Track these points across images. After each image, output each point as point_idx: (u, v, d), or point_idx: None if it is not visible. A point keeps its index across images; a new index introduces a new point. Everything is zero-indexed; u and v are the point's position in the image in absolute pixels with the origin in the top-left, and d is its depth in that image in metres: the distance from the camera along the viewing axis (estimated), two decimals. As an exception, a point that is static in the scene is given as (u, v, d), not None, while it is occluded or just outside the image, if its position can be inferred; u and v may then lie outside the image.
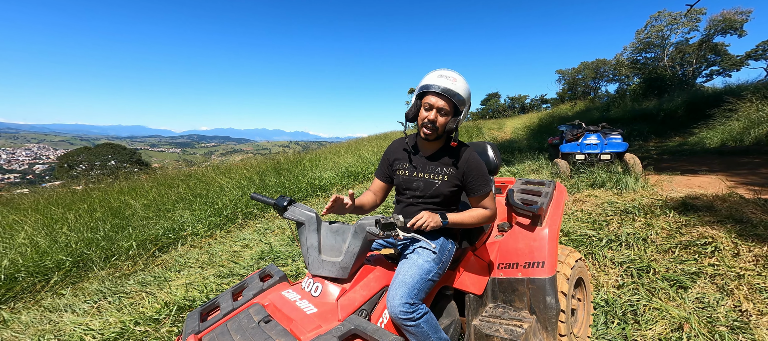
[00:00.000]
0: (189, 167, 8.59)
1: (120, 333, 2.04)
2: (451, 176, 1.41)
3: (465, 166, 1.40)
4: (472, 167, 1.40)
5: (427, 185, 1.43)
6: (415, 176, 1.46)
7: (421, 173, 1.45)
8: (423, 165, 1.46)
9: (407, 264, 1.28)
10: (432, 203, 1.45)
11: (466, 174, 1.40)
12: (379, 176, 1.58)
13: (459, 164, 1.41)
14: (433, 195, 1.43)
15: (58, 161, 33.13)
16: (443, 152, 1.45)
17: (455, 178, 1.41)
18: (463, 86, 1.33)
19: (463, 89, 1.33)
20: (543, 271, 1.60)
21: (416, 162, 1.47)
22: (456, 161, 1.41)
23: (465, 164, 1.40)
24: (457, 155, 1.43)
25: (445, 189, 1.41)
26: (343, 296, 1.12)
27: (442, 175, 1.42)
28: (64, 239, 3.65)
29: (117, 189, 5.41)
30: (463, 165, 1.40)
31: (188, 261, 3.39)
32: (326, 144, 15.32)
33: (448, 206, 1.48)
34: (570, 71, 28.72)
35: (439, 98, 1.31)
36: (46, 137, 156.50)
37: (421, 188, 1.44)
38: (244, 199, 5.27)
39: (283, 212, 1.24)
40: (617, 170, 4.79)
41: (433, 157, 1.46)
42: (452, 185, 1.42)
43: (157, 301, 2.39)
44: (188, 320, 1.11)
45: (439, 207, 1.45)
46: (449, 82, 1.31)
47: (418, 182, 1.45)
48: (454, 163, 1.41)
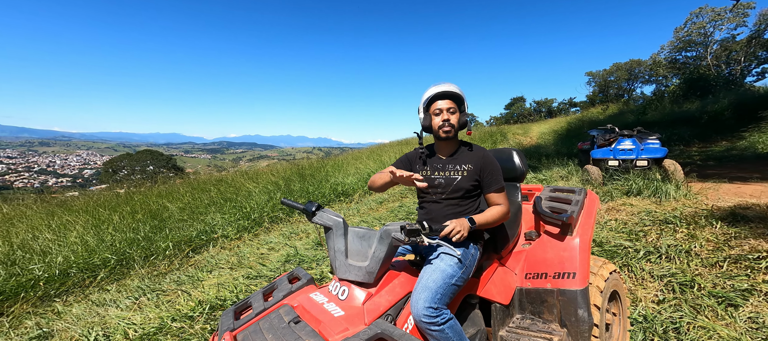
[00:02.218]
0: (219, 172, 9.04)
1: (158, 328, 2.17)
2: (470, 172, 1.50)
3: (482, 162, 1.50)
4: (488, 163, 1.49)
5: (448, 182, 1.51)
6: (436, 174, 1.55)
7: (441, 171, 1.54)
8: (443, 165, 1.55)
9: (430, 269, 1.29)
10: (454, 199, 1.51)
11: (483, 170, 1.49)
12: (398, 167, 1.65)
13: (476, 160, 1.51)
14: (455, 190, 1.50)
15: (104, 166, 35.95)
16: (460, 151, 1.56)
17: (474, 174, 1.49)
18: (457, 88, 1.52)
19: (457, 88, 1.51)
20: (574, 282, 1.54)
21: (436, 163, 1.57)
22: (473, 158, 1.51)
23: (482, 160, 1.50)
24: (473, 153, 1.53)
25: (465, 184, 1.49)
26: (369, 300, 1.14)
27: (462, 171, 1.50)
28: (109, 238, 3.95)
29: (155, 193, 5.79)
30: (479, 161, 1.50)
31: (219, 262, 3.56)
32: (348, 150, 15.53)
33: (469, 202, 1.52)
34: (601, 73, 27.42)
35: (444, 100, 1.49)
36: (94, 144, 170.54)
37: (443, 185, 1.52)
38: (270, 203, 5.46)
39: (311, 216, 1.29)
40: (655, 177, 4.50)
41: (451, 156, 1.56)
42: (472, 180, 1.49)
43: (191, 299, 2.52)
44: (223, 318, 1.18)
45: (461, 203, 1.51)
46: (445, 86, 1.50)
47: (439, 179, 1.53)
48: (470, 160, 1.51)
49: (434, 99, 1.49)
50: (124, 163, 33.34)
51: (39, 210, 4.82)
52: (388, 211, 5.16)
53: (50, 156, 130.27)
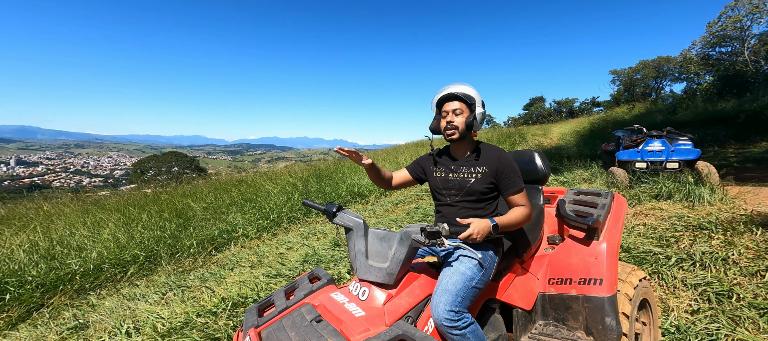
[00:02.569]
0: (239, 173, 9.32)
1: (184, 323, 2.26)
2: (484, 174, 1.45)
3: (497, 164, 1.44)
4: (505, 165, 1.43)
5: (461, 184, 1.48)
6: (450, 176, 1.53)
7: (455, 173, 1.52)
8: (457, 166, 1.53)
9: (449, 272, 1.28)
10: (468, 202, 1.48)
11: (499, 172, 1.43)
12: (409, 169, 1.69)
13: (491, 162, 1.45)
14: (469, 193, 1.47)
15: (133, 167, 37.85)
16: (474, 153, 1.51)
17: (490, 176, 1.45)
18: (468, 89, 1.48)
19: (469, 89, 1.48)
20: (601, 289, 1.48)
21: (450, 165, 1.55)
22: (488, 160, 1.47)
23: (497, 162, 1.44)
24: (489, 155, 1.48)
25: (479, 187, 1.45)
26: (389, 301, 1.14)
27: (476, 173, 1.46)
28: (138, 236, 4.15)
29: (180, 193, 6.03)
30: (494, 163, 1.44)
31: (240, 261, 3.66)
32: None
33: (484, 205, 1.49)
34: (626, 71, 26.26)
35: (451, 101, 1.48)
36: (124, 146, 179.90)
37: (457, 187, 1.49)
38: (288, 204, 5.57)
39: (332, 217, 1.31)
40: (687, 179, 4.26)
41: (465, 158, 1.52)
42: (486, 183, 1.45)
43: (214, 296, 2.61)
44: (247, 314, 1.21)
45: (476, 206, 1.47)
46: (454, 87, 1.48)
47: (453, 181, 1.51)
48: (485, 162, 1.47)
49: (444, 100, 1.49)
50: (151, 164, 34.96)
51: (75, 208, 5.13)
52: (404, 213, 5.15)
53: (84, 157, 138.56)
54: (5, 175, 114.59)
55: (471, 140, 1.52)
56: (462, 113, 1.46)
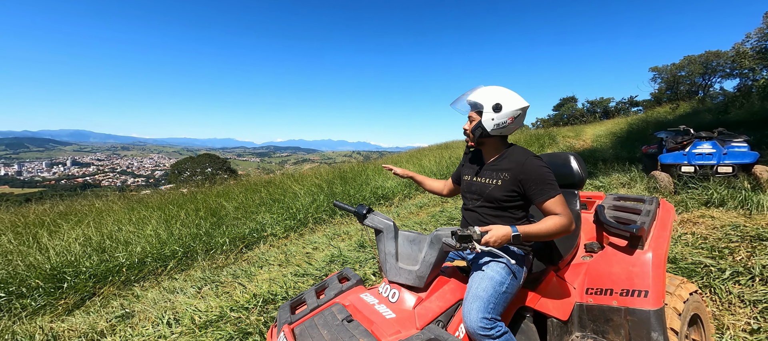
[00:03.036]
0: (267, 174, 9.67)
1: (219, 316, 2.38)
2: (505, 182, 1.38)
3: (521, 171, 1.34)
4: (530, 170, 1.33)
5: (482, 189, 1.44)
6: (474, 180, 1.50)
7: (479, 177, 1.48)
8: (483, 170, 1.49)
9: (479, 277, 1.25)
10: (488, 209, 1.43)
11: (524, 181, 1.34)
12: (453, 177, 1.75)
13: (514, 169, 1.36)
14: (488, 200, 1.42)
15: (171, 168, 40.49)
16: (503, 157, 1.45)
17: (511, 184, 1.36)
18: (481, 94, 1.42)
19: (481, 96, 1.42)
20: (646, 302, 1.38)
21: (477, 168, 1.53)
22: (511, 165, 1.39)
23: (520, 169, 1.34)
24: (513, 160, 1.40)
25: (498, 194, 1.38)
26: (419, 305, 1.14)
27: (496, 180, 1.40)
28: (177, 232, 4.42)
29: (214, 193, 6.36)
30: (518, 170, 1.35)
31: (269, 259, 3.79)
32: (387, 154, 15.68)
33: (507, 214, 1.42)
34: (669, 68, 24.40)
35: (470, 108, 1.48)
36: (164, 149, 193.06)
37: (478, 192, 1.46)
38: (314, 205, 5.70)
39: (362, 219, 1.32)
40: (743, 185, 3.89)
41: (493, 162, 1.47)
42: (508, 190, 1.37)
43: (246, 292, 2.72)
44: (281, 311, 1.25)
45: (497, 213, 1.42)
46: (470, 93, 1.46)
47: (475, 186, 1.48)
48: (508, 168, 1.39)
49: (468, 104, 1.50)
50: (187, 165, 37.20)
51: (122, 206, 5.56)
52: (429, 216, 5.10)
53: (129, 159, 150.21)
54: (62, 174, 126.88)
55: (500, 143, 1.46)
56: (473, 120, 1.44)
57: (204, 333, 2.22)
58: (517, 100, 1.39)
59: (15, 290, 3.02)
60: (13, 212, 5.53)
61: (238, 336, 2.16)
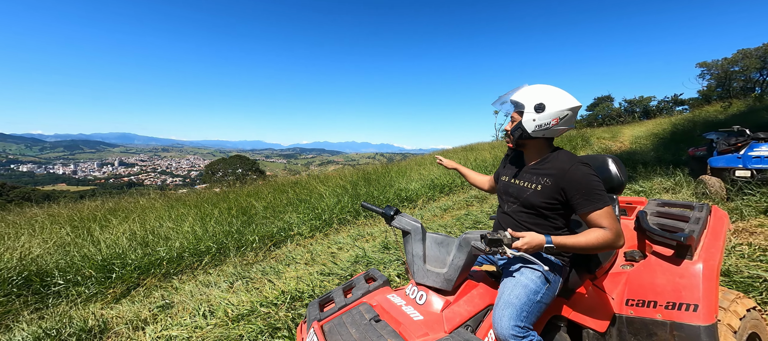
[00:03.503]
0: (293, 175, 9.97)
1: (250, 310, 2.48)
2: (545, 188, 1.28)
3: (564, 178, 1.24)
4: (575, 180, 1.22)
5: (519, 192, 1.37)
6: (512, 182, 1.42)
7: (518, 180, 1.41)
8: (522, 172, 1.41)
9: (511, 283, 1.21)
10: (525, 215, 1.35)
11: (567, 189, 1.23)
12: (495, 175, 1.71)
13: (557, 175, 1.26)
14: (525, 205, 1.33)
15: (205, 169, 42.88)
16: (546, 161, 1.35)
17: (553, 191, 1.26)
18: (524, 93, 1.35)
19: (523, 96, 1.34)
20: (696, 317, 1.27)
21: (517, 170, 1.46)
22: (554, 170, 1.28)
23: (564, 176, 1.24)
24: (557, 165, 1.29)
25: (536, 200, 1.29)
26: (447, 308, 1.12)
27: (536, 185, 1.31)
28: (211, 229, 4.66)
29: (245, 192, 6.64)
30: (560, 177, 1.25)
31: (295, 257, 3.90)
32: (410, 156, 15.65)
33: (546, 222, 1.33)
34: (720, 63, 22.37)
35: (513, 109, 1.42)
36: (199, 150, 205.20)
37: (515, 195, 1.39)
38: (339, 206, 5.79)
39: (390, 220, 1.33)
40: (812, 192, 3.48)
41: (535, 165, 1.39)
42: (548, 197, 1.27)
43: (275, 288, 2.82)
44: (310, 308, 1.29)
45: (535, 220, 1.33)
46: (512, 92, 1.40)
47: (513, 188, 1.41)
48: (551, 173, 1.28)
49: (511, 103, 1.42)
50: (220, 166, 39.22)
51: (163, 203, 5.95)
52: (454, 219, 5.02)
53: (168, 160, 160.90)
54: (111, 174, 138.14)
55: (544, 145, 1.37)
56: (514, 120, 1.38)
57: (236, 326, 2.32)
58: (565, 99, 1.28)
59: (72, 278, 3.33)
60: (71, 207, 6.11)
61: (267, 330, 2.25)
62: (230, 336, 2.24)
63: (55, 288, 3.20)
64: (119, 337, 2.47)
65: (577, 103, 1.29)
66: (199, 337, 2.28)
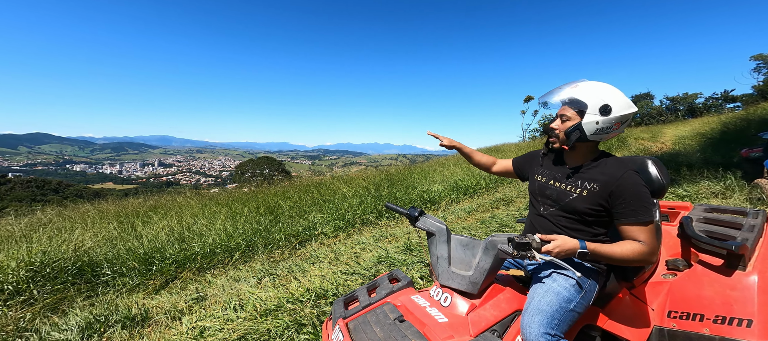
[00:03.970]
0: (317, 176, 10.20)
1: (277, 306, 2.57)
2: (592, 194, 1.21)
3: (615, 184, 1.17)
4: (625, 187, 1.15)
5: (559, 196, 1.29)
6: (550, 184, 1.34)
7: (557, 182, 1.32)
8: (562, 175, 1.32)
9: (542, 289, 1.16)
10: (566, 220, 1.28)
11: (615, 194, 1.16)
12: (515, 162, 1.60)
13: (607, 179, 1.19)
14: (567, 210, 1.26)
15: (235, 169, 44.96)
16: (592, 165, 1.27)
17: (599, 197, 1.20)
18: (586, 91, 1.25)
19: (585, 94, 1.24)
20: (750, 333, 1.16)
21: (556, 171, 1.36)
22: (604, 176, 1.20)
23: (615, 183, 1.17)
24: (608, 171, 1.21)
25: (580, 206, 1.22)
26: (472, 311, 1.10)
27: (582, 189, 1.23)
28: (241, 227, 4.88)
29: (272, 192, 6.89)
30: (611, 183, 1.18)
31: (319, 256, 3.98)
32: (433, 157, 15.50)
33: (587, 229, 1.26)
34: (779, 55, 20.25)
35: (563, 105, 1.31)
36: (229, 151, 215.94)
37: (554, 198, 1.31)
38: (362, 206, 5.85)
39: (414, 221, 1.32)
40: None
41: (577, 169, 1.30)
42: (594, 203, 1.20)
43: (300, 286, 2.90)
44: (335, 306, 1.32)
45: (576, 227, 1.26)
46: (570, 88, 1.27)
47: (551, 190, 1.32)
48: (599, 178, 1.21)
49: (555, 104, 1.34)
50: (248, 167, 40.96)
51: (197, 202, 6.31)
52: (478, 221, 4.91)
53: (202, 161, 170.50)
54: (151, 173, 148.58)
55: (591, 148, 1.30)
56: (569, 119, 1.26)
57: (264, 320, 2.42)
58: (628, 103, 1.21)
59: (118, 269, 3.61)
60: (117, 204, 6.64)
61: (293, 326, 2.32)
62: (259, 329, 2.33)
63: (103, 278, 3.48)
64: (159, 326, 2.65)
65: (635, 108, 1.25)
66: (230, 329, 2.40)
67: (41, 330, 2.56)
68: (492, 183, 7.71)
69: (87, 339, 2.47)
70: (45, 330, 2.54)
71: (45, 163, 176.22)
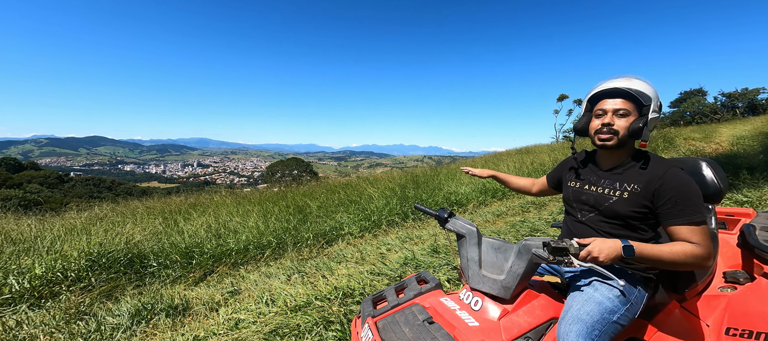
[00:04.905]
0: (344, 177, 10.37)
1: (306, 302, 2.65)
2: (634, 195, 1.12)
3: (659, 182, 1.08)
4: (671, 185, 1.06)
5: (597, 200, 1.20)
6: (585, 189, 1.26)
7: (593, 186, 1.24)
8: (598, 178, 1.24)
9: (582, 298, 1.10)
10: (607, 225, 1.19)
11: (659, 193, 1.08)
12: (549, 177, 1.56)
13: (650, 179, 1.10)
14: (607, 214, 1.18)
15: (267, 170, 46.97)
16: (629, 165, 1.19)
17: (643, 197, 1.11)
18: (642, 83, 1.15)
19: (643, 86, 1.15)
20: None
21: (590, 175, 1.28)
22: (647, 176, 1.12)
23: (659, 181, 1.08)
24: (650, 170, 1.12)
25: (623, 209, 1.14)
26: (505, 317, 1.07)
27: (622, 191, 1.15)
28: (272, 225, 5.08)
29: (300, 192, 7.11)
30: (654, 182, 1.09)
31: (346, 256, 4.05)
32: (459, 159, 15.20)
33: (633, 233, 1.17)
34: None
35: (615, 99, 1.17)
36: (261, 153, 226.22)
37: (591, 203, 1.23)
38: (387, 207, 5.87)
39: (444, 223, 1.31)
40: None
41: (614, 169, 1.22)
42: (637, 205, 1.12)
43: (328, 284, 2.96)
44: (364, 304, 1.33)
45: (619, 232, 1.18)
46: (623, 81, 1.15)
47: (587, 195, 1.24)
48: (641, 179, 1.12)
49: (602, 97, 1.20)
50: (278, 168, 42.60)
51: (232, 201, 6.66)
52: (508, 225, 4.74)
53: (236, 161, 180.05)
54: (191, 173, 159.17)
55: (630, 147, 1.21)
56: (628, 114, 1.15)
57: (294, 316, 2.50)
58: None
59: (162, 262, 3.90)
60: (162, 201, 7.17)
61: (322, 322, 2.37)
62: (289, 324, 2.41)
63: (150, 269, 3.77)
64: (198, 316, 2.82)
65: None
66: (262, 323, 2.50)
67: (98, 314, 2.82)
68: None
69: (136, 324, 2.68)
70: (101, 315, 2.80)
71: (101, 163, 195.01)
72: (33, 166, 53.78)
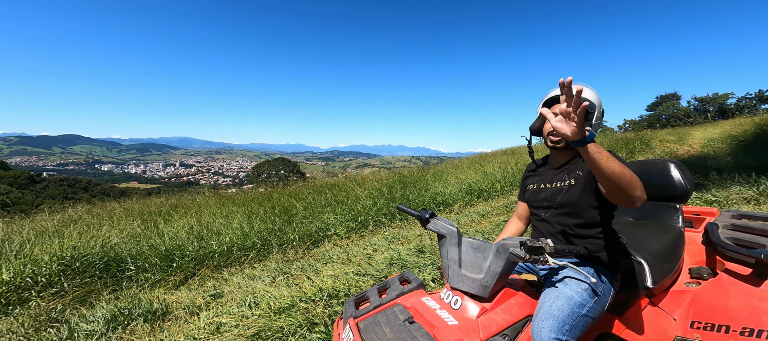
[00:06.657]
0: (331, 177, 10.31)
1: (290, 304, 2.62)
2: (579, 179, 1.24)
3: None
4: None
5: (553, 194, 1.31)
6: (542, 187, 1.36)
7: (548, 183, 1.34)
8: (552, 175, 1.35)
9: (553, 294, 1.14)
10: (563, 216, 1.29)
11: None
12: (521, 198, 1.59)
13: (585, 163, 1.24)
14: (561, 206, 1.28)
15: (252, 170, 46.15)
16: (576, 160, 1.32)
17: (586, 178, 1.22)
18: (588, 89, 1.29)
19: (588, 92, 1.28)
20: (781, 348, 1.10)
21: (544, 174, 1.39)
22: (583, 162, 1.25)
23: None
24: None
25: (574, 194, 1.24)
26: (483, 315, 1.09)
27: (570, 179, 1.26)
28: (257, 227, 4.99)
29: (287, 193, 7.01)
30: None
31: (332, 257, 4.02)
32: (446, 159, 15.35)
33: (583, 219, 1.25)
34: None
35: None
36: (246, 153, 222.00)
37: (548, 199, 1.33)
38: (374, 208, 5.87)
39: (425, 223, 1.33)
40: None
41: (564, 166, 1.34)
42: (585, 188, 1.22)
43: (313, 285, 2.94)
44: (346, 306, 1.33)
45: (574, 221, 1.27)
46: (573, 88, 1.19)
47: (544, 193, 1.34)
48: (585, 165, 1.24)
49: (555, 100, 1.30)
50: (265, 168, 41.93)
51: (215, 202, 6.50)
52: (492, 225, 4.83)
53: (221, 161, 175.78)
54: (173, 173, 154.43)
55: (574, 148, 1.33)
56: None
57: (278, 318, 2.46)
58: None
59: (141, 265, 3.77)
60: (141, 203, 6.93)
61: (306, 324, 2.35)
62: (272, 327, 2.38)
63: (127, 273, 3.65)
64: (178, 320, 2.75)
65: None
66: (245, 326, 2.46)
67: (71, 320, 2.71)
68: (507, 187, 7.57)
69: (112, 330, 2.59)
70: (74, 321, 2.68)
71: (76, 163, 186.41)
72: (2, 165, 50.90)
